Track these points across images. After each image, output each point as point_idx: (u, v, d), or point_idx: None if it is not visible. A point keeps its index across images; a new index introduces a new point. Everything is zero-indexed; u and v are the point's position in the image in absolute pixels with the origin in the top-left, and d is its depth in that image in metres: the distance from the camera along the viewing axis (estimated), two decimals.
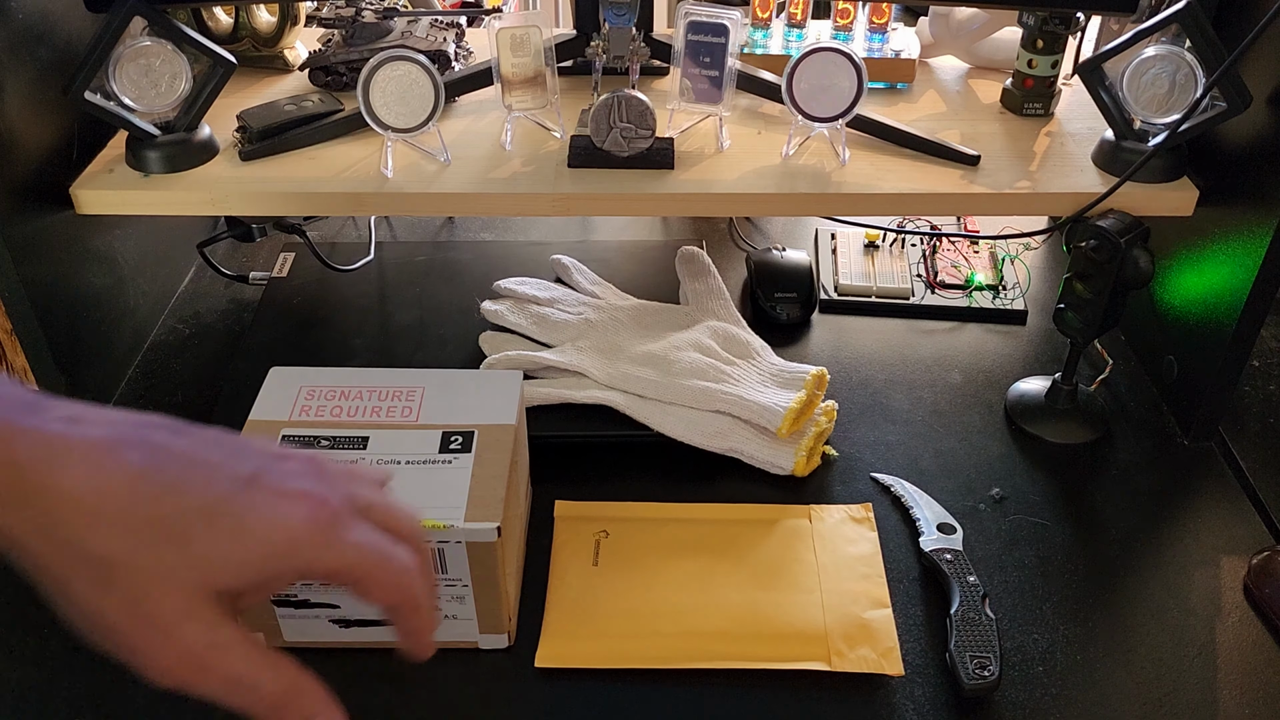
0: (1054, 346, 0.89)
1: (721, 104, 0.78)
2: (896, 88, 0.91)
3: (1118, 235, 0.72)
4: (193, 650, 0.37)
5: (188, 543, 0.37)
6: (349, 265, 0.96)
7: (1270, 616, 0.66)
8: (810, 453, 0.76)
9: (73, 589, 0.37)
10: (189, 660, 0.38)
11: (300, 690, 0.40)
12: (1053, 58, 0.82)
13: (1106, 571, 0.70)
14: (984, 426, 0.81)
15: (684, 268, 0.92)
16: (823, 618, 0.65)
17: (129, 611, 0.37)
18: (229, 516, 0.38)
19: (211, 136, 0.80)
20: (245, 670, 0.38)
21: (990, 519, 0.73)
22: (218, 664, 0.38)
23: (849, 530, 0.71)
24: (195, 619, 0.37)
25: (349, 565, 0.40)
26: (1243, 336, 0.74)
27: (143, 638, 0.37)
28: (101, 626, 0.37)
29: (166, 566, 0.37)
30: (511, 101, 0.79)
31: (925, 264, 0.97)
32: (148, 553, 0.36)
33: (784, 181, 0.77)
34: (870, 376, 0.86)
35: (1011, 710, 0.61)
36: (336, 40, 0.90)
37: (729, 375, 0.78)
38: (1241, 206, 0.72)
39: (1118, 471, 0.78)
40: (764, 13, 0.94)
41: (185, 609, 0.37)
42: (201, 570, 0.37)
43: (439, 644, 0.64)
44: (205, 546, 0.37)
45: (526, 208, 0.78)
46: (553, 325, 0.84)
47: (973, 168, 0.78)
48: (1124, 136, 0.76)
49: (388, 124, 0.76)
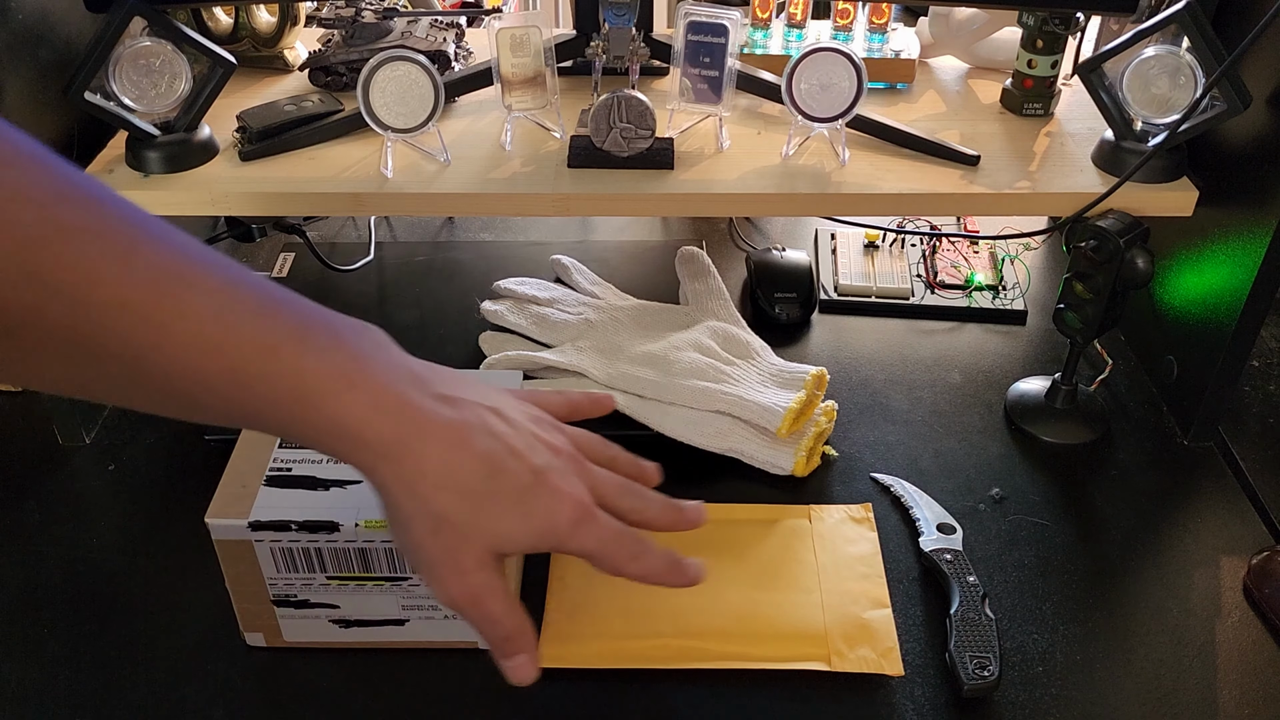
0: (1054, 346, 0.89)
1: (721, 104, 0.78)
2: (896, 88, 0.91)
3: (1117, 235, 0.72)
4: (474, 588, 0.49)
5: (495, 516, 0.49)
6: (349, 265, 0.96)
7: (1270, 616, 0.66)
8: (810, 453, 0.76)
9: (411, 527, 0.48)
10: (469, 594, 0.49)
11: (524, 634, 0.52)
12: (1053, 58, 0.82)
13: (1106, 571, 0.70)
14: (984, 426, 0.81)
15: (684, 268, 0.92)
16: (822, 618, 0.65)
17: (444, 552, 0.48)
18: (523, 503, 0.49)
19: (211, 136, 0.80)
20: (499, 610, 0.50)
21: (990, 519, 0.73)
22: (486, 601, 0.50)
23: (849, 530, 0.71)
24: (483, 568, 0.49)
25: (588, 551, 0.51)
26: (1243, 336, 0.74)
27: (447, 572, 0.49)
28: (420, 556, 0.49)
29: (478, 529, 0.48)
30: (511, 102, 0.79)
31: (925, 264, 0.97)
32: (469, 517, 0.48)
33: (784, 181, 0.77)
34: (870, 376, 0.86)
35: (1011, 710, 0.61)
36: (336, 40, 0.90)
37: (729, 375, 0.78)
38: (1241, 206, 0.72)
39: (1118, 471, 0.78)
40: (764, 13, 0.94)
41: (479, 560, 0.49)
42: (498, 537, 0.49)
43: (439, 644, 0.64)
44: (505, 522, 0.49)
45: (526, 208, 0.78)
46: (553, 325, 0.84)
47: (973, 168, 0.78)
48: (1124, 136, 0.76)
49: (388, 124, 0.76)
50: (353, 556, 0.59)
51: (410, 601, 0.62)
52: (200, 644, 0.65)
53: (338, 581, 0.61)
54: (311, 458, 0.62)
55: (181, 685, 0.63)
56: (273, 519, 0.58)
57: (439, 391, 0.49)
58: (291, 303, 0.46)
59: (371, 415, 0.46)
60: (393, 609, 0.62)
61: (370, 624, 0.63)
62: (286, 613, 0.62)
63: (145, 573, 0.70)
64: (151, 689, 0.63)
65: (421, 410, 0.47)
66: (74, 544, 0.72)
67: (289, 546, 0.59)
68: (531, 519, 0.49)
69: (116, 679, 0.63)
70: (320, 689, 0.63)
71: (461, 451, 0.48)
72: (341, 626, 0.63)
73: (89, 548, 0.72)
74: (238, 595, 0.62)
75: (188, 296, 0.41)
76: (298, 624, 0.63)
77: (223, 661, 0.64)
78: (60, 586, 0.69)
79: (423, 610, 0.62)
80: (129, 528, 0.73)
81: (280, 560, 0.60)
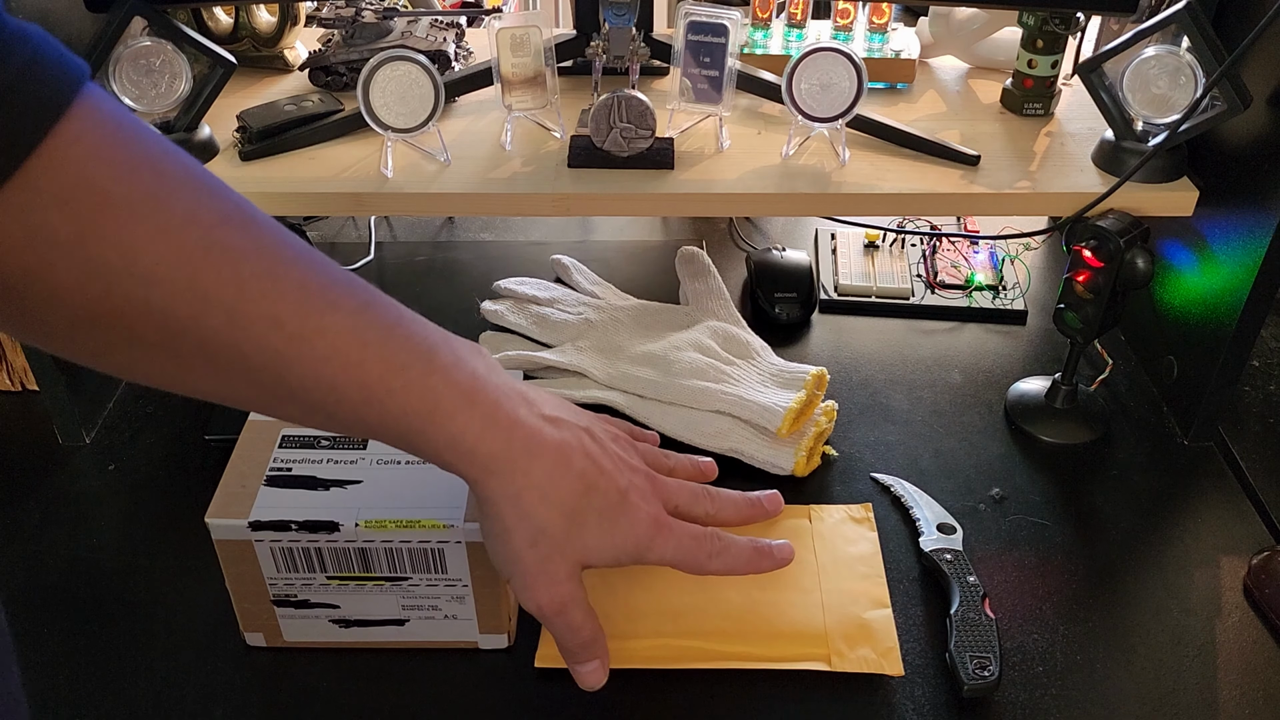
0: (1054, 346, 0.89)
1: (721, 104, 0.78)
2: (896, 88, 0.91)
3: (1117, 235, 0.72)
4: (562, 598, 0.53)
5: (586, 532, 0.53)
6: (349, 265, 0.96)
7: (1270, 616, 0.66)
8: (810, 453, 0.76)
9: (510, 539, 0.51)
10: (558, 603, 0.53)
11: (599, 641, 0.56)
12: (1053, 58, 0.82)
13: (1106, 571, 0.70)
14: (984, 426, 0.81)
15: (684, 268, 0.92)
16: (823, 618, 0.65)
17: (539, 563, 0.52)
18: (609, 520, 0.54)
19: (211, 137, 0.80)
20: (580, 618, 0.54)
21: (990, 519, 0.73)
22: (570, 609, 0.54)
23: (849, 530, 0.71)
24: (571, 579, 0.53)
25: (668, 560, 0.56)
26: (1243, 336, 0.74)
27: (540, 582, 0.52)
28: (516, 567, 0.52)
29: (570, 543, 0.52)
30: (511, 101, 0.79)
31: (925, 264, 0.97)
32: (564, 532, 0.52)
33: (784, 181, 0.77)
34: (870, 376, 0.86)
35: (1011, 710, 0.61)
36: (336, 40, 0.90)
37: (729, 375, 0.78)
38: (1241, 206, 0.72)
39: (1118, 471, 0.78)
40: (764, 13, 0.94)
41: (569, 572, 0.53)
42: (587, 551, 0.53)
43: (439, 644, 0.64)
44: (594, 537, 0.53)
45: (526, 208, 0.78)
46: (553, 325, 0.84)
47: (973, 168, 0.78)
48: (1124, 136, 0.76)
49: (388, 124, 0.76)
50: (353, 556, 0.59)
51: (410, 601, 0.62)
52: (200, 644, 0.65)
53: (338, 581, 0.61)
54: (312, 458, 0.62)
55: (181, 685, 0.63)
56: (273, 519, 0.58)
57: (544, 412, 0.53)
58: (418, 323, 0.49)
59: (486, 432, 0.49)
60: (393, 609, 0.62)
61: (370, 624, 0.63)
62: (286, 613, 0.62)
63: (145, 573, 0.70)
64: (151, 689, 0.63)
65: (530, 429, 0.51)
66: (74, 544, 0.72)
67: (289, 546, 0.59)
68: (615, 535, 0.54)
69: (116, 679, 0.63)
70: (320, 689, 0.63)
71: (563, 470, 0.52)
72: (341, 626, 0.63)
73: (89, 548, 0.72)
74: (238, 595, 0.62)
75: (330, 315, 0.45)
76: (298, 624, 0.63)
77: (223, 661, 0.64)
78: (60, 586, 0.69)
79: (423, 610, 0.62)
80: (129, 528, 0.73)
81: (280, 560, 0.60)
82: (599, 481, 0.53)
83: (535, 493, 0.51)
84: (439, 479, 0.60)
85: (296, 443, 0.63)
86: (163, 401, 0.84)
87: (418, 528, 0.58)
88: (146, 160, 0.40)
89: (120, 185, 0.39)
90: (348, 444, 0.63)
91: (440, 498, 0.59)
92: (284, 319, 0.44)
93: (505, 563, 0.53)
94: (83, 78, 0.38)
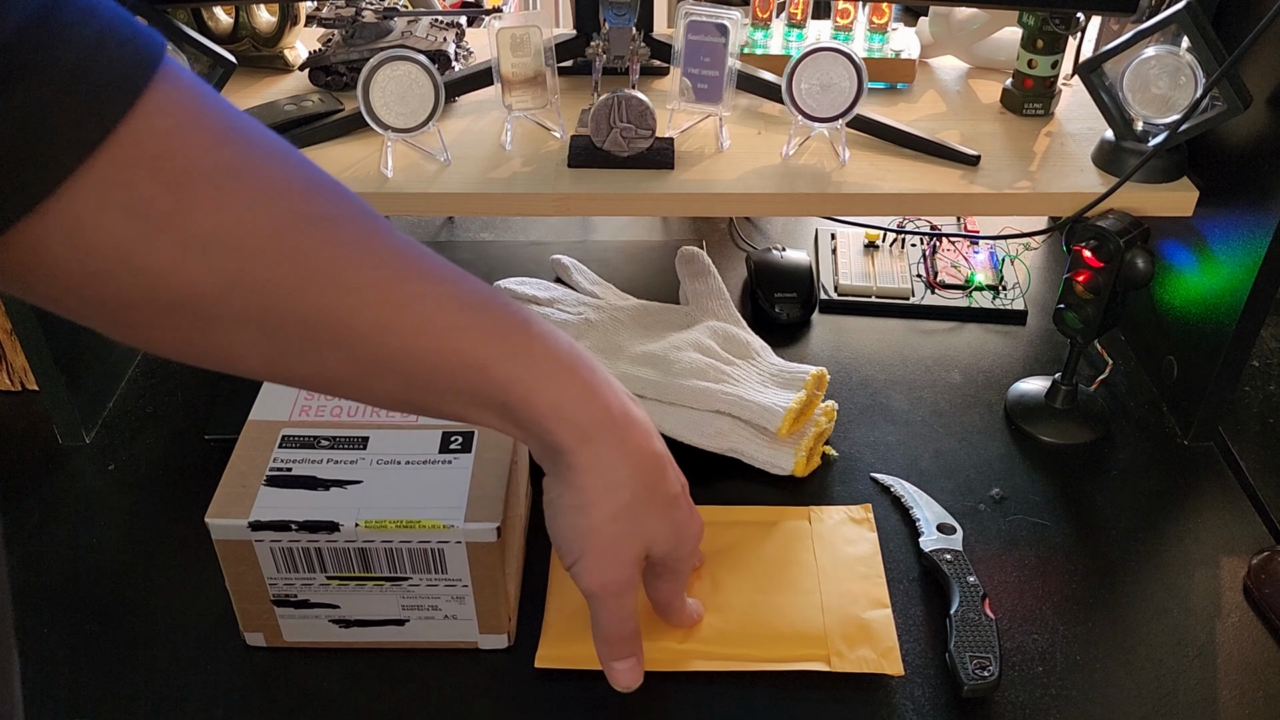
0: (1054, 346, 0.89)
1: (721, 104, 0.78)
2: (896, 88, 0.91)
3: (1117, 235, 0.72)
4: (624, 580, 0.54)
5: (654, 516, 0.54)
6: None
7: (1270, 616, 0.66)
8: (810, 453, 0.76)
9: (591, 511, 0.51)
10: (620, 584, 0.54)
11: (638, 638, 0.57)
12: (1053, 58, 0.82)
13: (1106, 571, 0.70)
14: (984, 426, 0.81)
15: (684, 268, 0.92)
16: (822, 618, 0.65)
17: (613, 540, 0.53)
18: (671, 510, 0.55)
19: None
20: (630, 608, 0.55)
21: (990, 519, 0.73)
22: (627, 594, 0.54)
23: (848, 531, 0.71)
24: (636, 564, 0.54)
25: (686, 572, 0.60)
26: (1243, 336, 0.74)
27: (608, 560, 0.53)
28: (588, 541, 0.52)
29: (642, 525, 0.53)
30: (511, 101, 0.79)
31: (925, 264, 0.97)
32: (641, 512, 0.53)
33: (784, 181, 0.77)
34: (870, 376, 0.86)
35: (1011, 710, 0.61)
36: (336, 40, 0.90)
37: (729, 375, 0.78)
38: (1241, 206, 0.72)
39: (1118, 471, 0.78)
40: (764, 13, 0.94)
41: (635, 555, 0.54)
42: (651, 536, 0.54)
43: (439, 644, 0.64)
44: (659, 524, 0.54)
45: (526, 208, 0.78)
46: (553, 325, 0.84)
47: (973, 168, 0.78)
48: (1124, 137, 0.76)
49: (388, 124, 0.76)
50: (353, 556, 0.59)
51: (410, 601, 0.62)
52: (200, 644, 0.65)
53: (338, 581, 0.61)
54: (312, 458, 0.62)
55: (181, 685, 0.63)
56: (273, 519, 0.58)
57: (626, 390, 0.54)
58: (505, 295, 0.50)
59: (587, 399, 0.50)
60: (393, 609, 0.62)
61: (370, 624, 0.63)
62: (286, 613, 0.62)
63: (145, 573, 0.70)
64: (151, 689, 0.63)
65: (622, 403, 0.52)
66: (74, 544, 0.72)
67: (289, 546, 0.59)
68: (673, 530, 0.55)
69: (116, 679, 0.63)
70: (320, 689, 0.63)
71: (648, 447, 0.53)
72: (341, 626, 0.63)
73: (89, 548, 0.72)
74: (238, 595, 0.62)
75: (428, 282, 0.45)
76: (298, 624, 0.63)
77: (223, 661, 0.64)
78: (60, 586, 0.69)
79: (423, 610, 0.62)
80: (129, 528, 0.73)
81: (280, 560, 0.60)
82: (668, 469, 0.54)
83: (626, 466, 0.51)
84: (439, 479, 0.61)
85: (296, 443, 0.63)
86: (163, 401, 0.84)
87: (418, 528, 0.58)
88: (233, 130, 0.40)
89: (210, 155, 0.38)
90: (348, 444, 0.63)
91: (440, 498, 0.59)
92: (386, 285, 0.43)
93: (578, 536, 0.52)
94: (160, 49, 0.37)
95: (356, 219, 0.43)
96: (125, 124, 0.36)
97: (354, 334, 0.43)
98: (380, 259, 0.43)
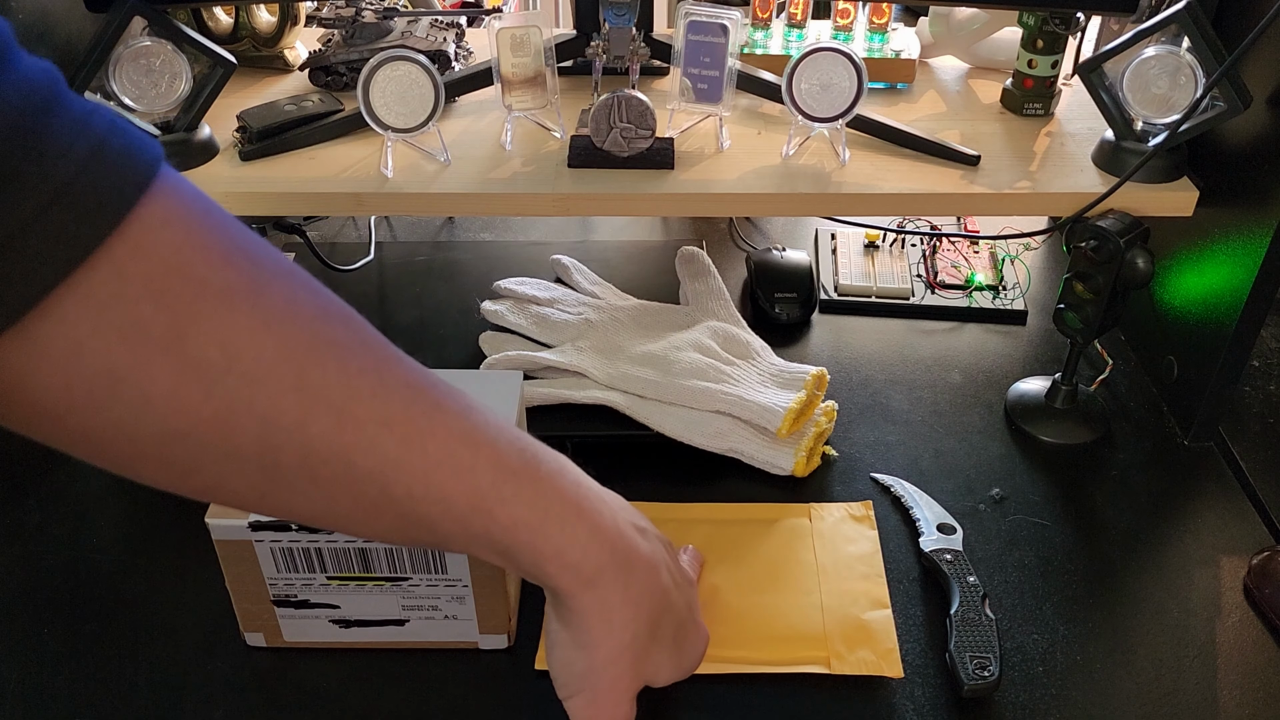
0: (1054, 346, 0.89)
1: (721, 104, 0.78)
2: (896, 88, 0.91)
3: (1117, 235, 0.72)
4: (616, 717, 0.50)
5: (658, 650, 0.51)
6: (349, 265, 0.96)
7: (1270, 616, 0.66)
8: (810, 453, 0.76)
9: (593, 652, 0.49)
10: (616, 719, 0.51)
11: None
12: (1053, 58, 0.82)
13: (1106, 571, 0.70)
14: (984, 426, 0.81)
15: (684, 268, 0.92)
16: (822, 620, 0.65)
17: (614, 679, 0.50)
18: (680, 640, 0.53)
19: (211, 136, 0.80)
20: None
21: (990, 519, 0.73)
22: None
23: (849, 529, 0.71)
24: (632, 698, 0.51)
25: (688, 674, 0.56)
26: (1243, 336, 0.74)
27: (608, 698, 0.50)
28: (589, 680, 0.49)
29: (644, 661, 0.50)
30: (511, 101, 0.79)
31: (925, 264, 0.97)
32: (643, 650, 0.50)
33: (784, 181, 0.77)
34: (870, 376, 0.86)
35: (1011, 710, 0.61)
36: (336, 40, 0.90)
37: (729, 375, 0.78)
38: (1241, 206, 0.72)
39: (1118, 471, 0.78)
40: (764, 13, 0.94)
41: (633, 690, 0.51)
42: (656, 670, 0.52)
43: (439, 644, 0.64)
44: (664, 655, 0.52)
45: (526, 208, 0.78)
46: (553, 325, 0.84)
47: (973, 168, 0.78)
48: (1124, 136, 0.76)
49: (388, 124, 0.76)
50: (353, 556, 0.59)
51: (410, 601, 0.62)
52: (200, 644, 0.65)
53: (338, 581, 0.61)
54: None
55: (181, 685, 0.63)
56: (273, 519, 0.58)
57: (635, 522, 0.51)
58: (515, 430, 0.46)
59: (591, 543, 0.47)
60: (393, 609, 0.62)
61: (370, 624, 0.63)
62: (286, 613, 0.62)
63: (145, 573, 0.70)
64: (151, 689, 0.63)
65: (629, 542, 0.49)
66: (74, 544, 0.72)
67: (289, 546, 0.59)
68: (682, 656, 0.53)
69: (116, 679, 0.63)
70: (320, 689, 0.63)
71: (653, 585, 0.50)
72: (341, 626, 0.63)
73: (89, 548, 0.72)
74: (238, 595, 0.62)
75: (438, 417, 0.42)
76: (298, 624, 0.63)
77: (223, 661, 0.64)
78: (60, 586, 0.69)
79: (423, 610, 0.62)
80: (129, 528, 0.73)
81: (280, 560, 0.60)
82: (675, 599, 0.52)
83: (629, 609, 0.49)
84: None
85: None
86: None
87: None
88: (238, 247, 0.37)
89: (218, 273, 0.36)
90: None
91: None
92: (394, 420, 0.40)
93: (576, 677, 0.50)
94: (157, 160, 0.36)
95: (368, 347, 0.41)
96: (118, 238, 0.34)
97: (360, 474, 0.40)
98: (394, 391, 0.41)
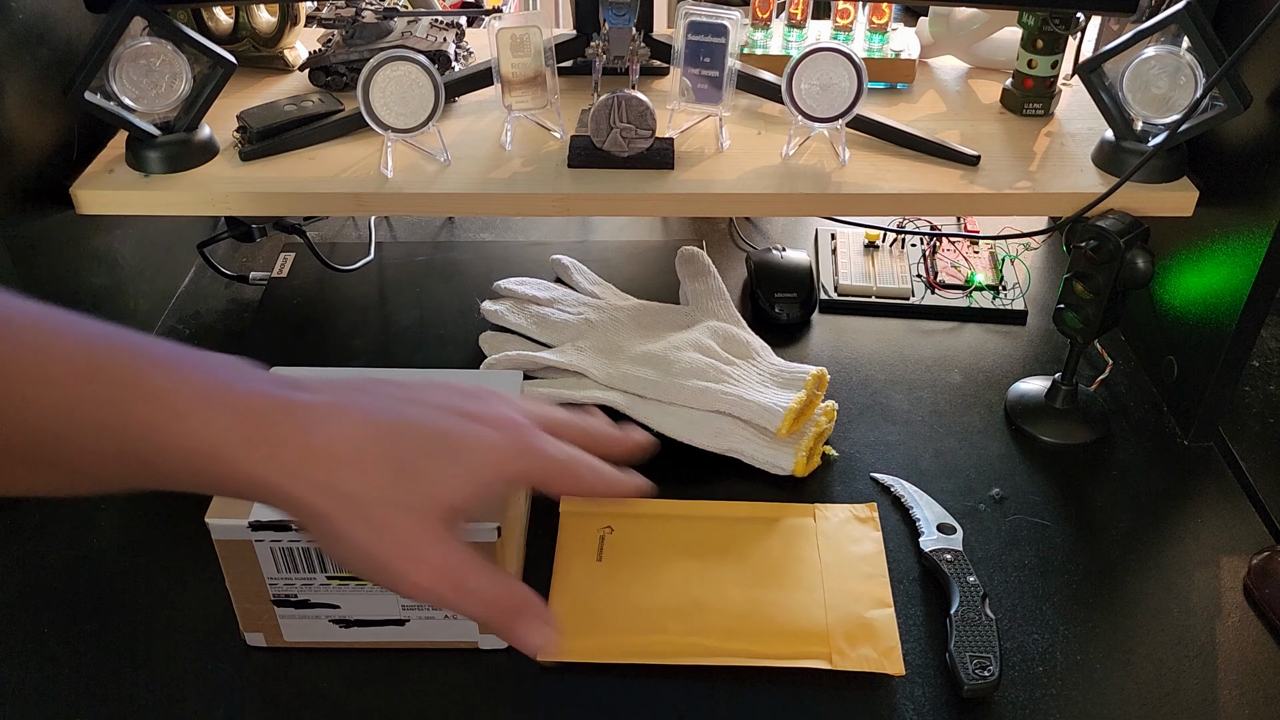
0: (1054, 346, 0.89)
1: (721, 104, 0.78)
2: (896, 88, 0.91)
3: (1117, 235, 0.72)
4: (443, 567, 0.43)
5: (416, 473, 0.43)
6: (349, 265, 0.96)
7: (1270, 616, 0.66)
8: (810, 453, 0.76)
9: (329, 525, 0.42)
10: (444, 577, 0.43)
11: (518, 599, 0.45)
12: (1053, 58, 0.83)
13: (1106, 571, 0.70)
14: (984, 426, 0.81)
15: (684, 268, 0.92)
16: (824, 616, 0.65)
17: (378, 538, 0.42)
18: (447, 446, 0.44)
19: (211, 136, 0.80)
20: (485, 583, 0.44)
21: (990, 519, 0.73)
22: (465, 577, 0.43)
23: (853, 529, 0.71)
24: (442, 541, 0.43)
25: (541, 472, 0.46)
26: (1243, 336, 0.74)
27: (396, 560, 0.42)
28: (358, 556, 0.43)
29: (403, 495, 0.42)
30: (511, 101, 0.79)
31: (925, 264, 0.97)
32: (387, 486, 0.42)
33: (784, 181, 0.77)
34: (870, 376, 0.86)
35: (1011, 710, 0.61)
36: (336, 40, 0.90)
37: (729, 375, 0.78)
38: (1241, 206, 0.72)
39: (1118, 471, 0.78)
40: (764, 13, 0.94)
41: (433, 531, 0.43)
42: (429, 495, 0.43)
43: (439, 644, 0.64)
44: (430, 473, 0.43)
45: (526, 208, 0.78)
46: (553, 325, 0.84)
47: (973, 168, 0.78)
48: (1124, 137, 0.76)
49: (388, 124, 0.76)
50: None
51: (410, 601, 0.62)
52: (200, 644, 0.65)
53: (338, 581, 0.61)
54: None
55: (181, 685, 0.63)
56: (273, 519, 0.58)
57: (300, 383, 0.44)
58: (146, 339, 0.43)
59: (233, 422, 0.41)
60: (393, 609, 0.62)
61: (370, 624, 0.63)
62: (286, 613, 0.62)
63: (145, 573, 0.70)
64: (151, 689, 0.62)
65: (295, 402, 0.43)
66: (74, 544, 0.72)
67: (289, 546, 0.59)
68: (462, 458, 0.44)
69: (116, 679, 0.63)
70: (320, 689, 0.63)
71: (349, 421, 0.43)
72: (341, 626, 0.63)
73: (89, 548, 0.72)
74: (238, 595, 0.62)
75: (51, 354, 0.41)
76: (298, 624, 0.63)
77: (223, 661, 0.64)
78: (60, 586, 0.69)
79: (423, 610, 0.62)
80: (129, 528, 0.73)
81: (280, 560, 0.60)
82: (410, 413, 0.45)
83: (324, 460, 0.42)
84: None
85: None
86: None
87: None
88: None
89: None
90: None
91: None
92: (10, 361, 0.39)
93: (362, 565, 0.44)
94: None
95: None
96: None
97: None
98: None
